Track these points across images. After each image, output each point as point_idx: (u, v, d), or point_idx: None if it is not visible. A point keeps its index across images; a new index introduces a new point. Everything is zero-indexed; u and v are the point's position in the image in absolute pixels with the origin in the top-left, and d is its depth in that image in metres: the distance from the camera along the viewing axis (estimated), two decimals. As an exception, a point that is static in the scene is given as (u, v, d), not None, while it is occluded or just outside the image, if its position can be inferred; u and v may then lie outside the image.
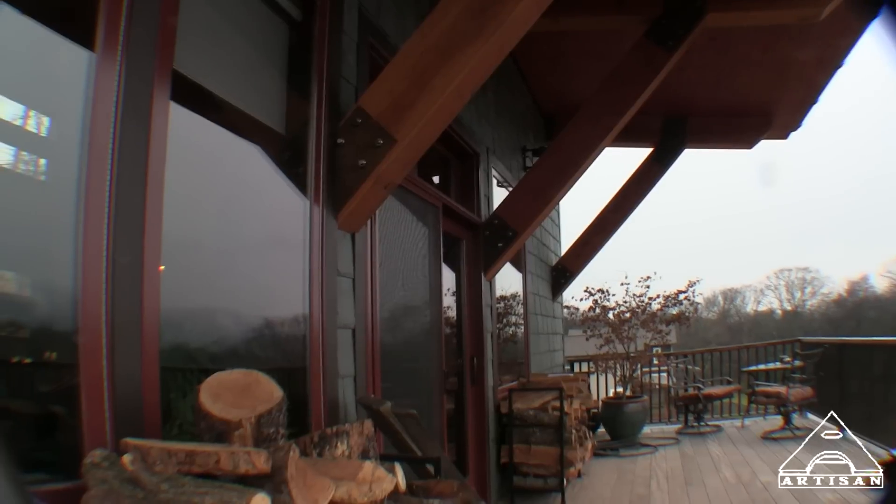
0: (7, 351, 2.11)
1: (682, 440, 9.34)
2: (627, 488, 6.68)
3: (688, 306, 10.61)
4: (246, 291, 3.16)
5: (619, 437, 9.13)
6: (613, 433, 9.25)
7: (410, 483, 2.87)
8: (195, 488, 1.77)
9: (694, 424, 10.11)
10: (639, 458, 8.23)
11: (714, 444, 8.88)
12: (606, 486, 6.83)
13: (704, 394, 10.14)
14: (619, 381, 10.28)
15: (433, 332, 5.35)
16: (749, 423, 10.29)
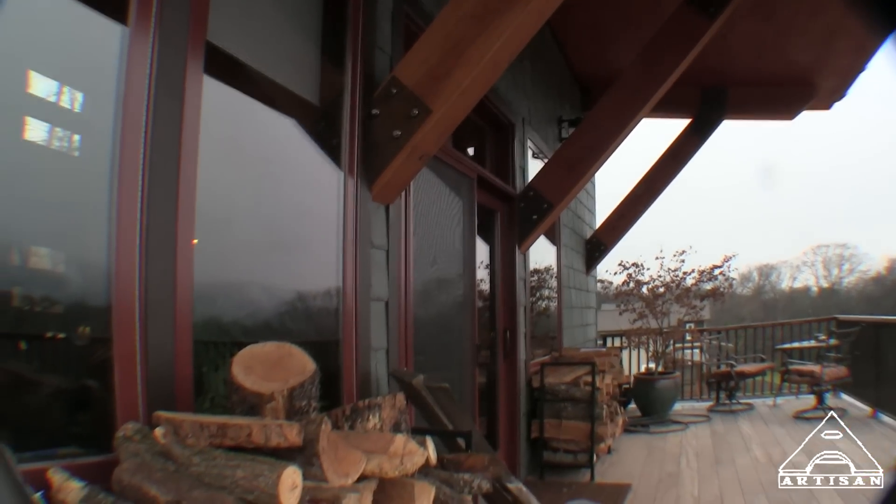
0: (41, 326, 2.12)
1: (713, 418, 9.24)
2: (657, 465, 6.63)
3: (723, 282, 10.44)
4: (279, 264, 3.15)
5: (650, 413, 9.06)
6: (644, 409, 9.18)
7: (441, 456, 2.86)
8: (227, 461, 1.77)
9: (725, 402, 9.98)
10: (669, 436, 8.16)
11: (745, 422, 8.76)
12: (636, 463, 6.78)
13: (737, 371, 9.98)
14: (652, 357, 10.19)
15: (466, 305, 5.32)
16: (781, 401, 10.11)
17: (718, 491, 5.48)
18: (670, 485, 5.81)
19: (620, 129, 6.16)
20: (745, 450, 7.05)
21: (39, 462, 1.83)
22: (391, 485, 2.25)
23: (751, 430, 8.15)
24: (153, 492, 1.68)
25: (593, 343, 10.22)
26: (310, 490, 1.91)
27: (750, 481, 5.68)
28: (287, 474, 1.73)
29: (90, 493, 1.70)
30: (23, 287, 2.07)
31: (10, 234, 2.01)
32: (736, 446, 7.27)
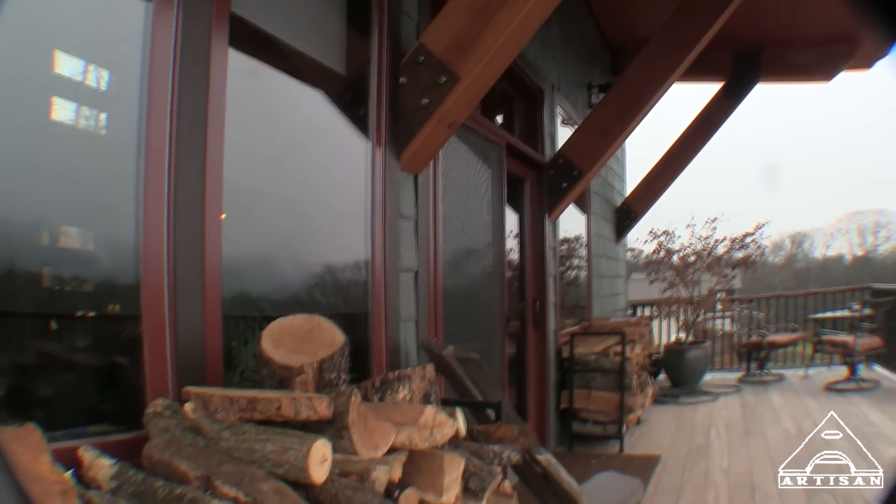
0: (72, 305, 2.14)
1: (744, 389, 9.14)
2: (686, 437, 6.59)
3: (754, 250, 10.25)
4: (308, 237, 3.14)
5: (680, 384, 8.98)
6: (674, 380, 9.10)
7: (471, 428, 2.84)
8: (256, 435, 1.77)
9: (756, 373, 9.85)
10: (699, 406, 8.10)
11: (776, 393, 8.66)
12: (665, 434, 6.74)
13: (768, 341, 9.84)
14: (682, 327, 10.09)
15: (495, 274, 5.28)
16: (813, 372, 9.93)
17: (748, 463, 5.43)
18: (699, 457, 5.76)
19: (651, 93, 6.02)
20: (775, 421, 6.97)
21: (70, 440, 1.84)
22: (421, 456, 2.24)
23: (781, 402, 8.05)
24: (183, 467, 1.68)
25: (623, 313, 10.15)
26: (339, 463, 1.91)
27: (780, 453, 5.60)
28: (317, 447, 1.72)
29: (120, 471, 1.71)
30: (53, 267, 2.08)
31: (40, 215, 2.02)
32: (766, 418, 7.19)
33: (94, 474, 1.71)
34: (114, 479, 1.68)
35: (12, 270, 1.98)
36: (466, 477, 2.36)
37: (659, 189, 9.48)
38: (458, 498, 2.34)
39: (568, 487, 3.26)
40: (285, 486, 1.65)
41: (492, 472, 2.48)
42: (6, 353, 1.97)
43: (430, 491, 2.20)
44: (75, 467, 1.69)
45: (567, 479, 3.27)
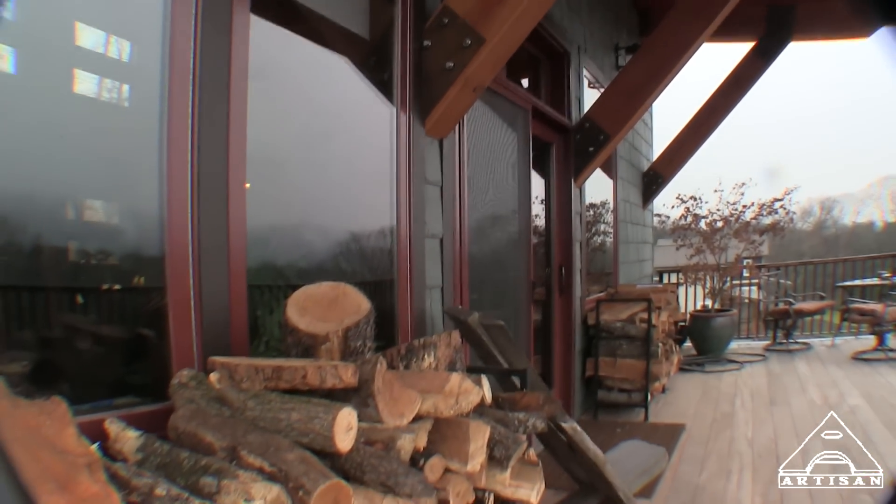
0: (97, 279, 2.15)
1: (770, 357, 9.01)
2: (711, 405, 6.53)
3: (783, 216, 10.07)
4: (332, 205, 3.11)
5: (706, 352, 8.90)
6: (700, 348, 9.02)
7: (496, 395, 2.83)
8: (282, 404, 1.76)
9: (782, 341, 9.70)
10: (724, 375, 8.01)
11: (802, 362, 8.52)
12: (690, 403, 6.69)
13: (795, 309, 9.65)
14: (708, 294, 9.98)
15: (521, 241, 5.23)
16: (840, 341, 9.76)
17: (773, 433, 5.38)
18: (724, 426, 5.72)
19: (680, 54, 5.86)
20: (801, 391, 6.88)
21: (96, 413, 1.86)
22: (446, 424, 2.22)
23: (807, 371, 7.93)
24: (209, 438, 1.68)
25: (649, 279, 10.06)
26: (365, 431, 1.90)
27: (805, 424, 5.54)
28: (342, 416, 1.71)
29: (146, 442, 1.71)
30: (78, 241, 2.09)
31: (65, 190, 2.03)
32: (792, 387, 7.10)
33: (120, 447, 1.72)
34: (139, 451, 1.68)
35: (38, 246, 2.00)
36: (491, 445, 2.35)
37: (686, 153, 9.30)
38: (483, 466, 2.33)
39: (593, 456, 3.25)
40: (311, 454, 1.64)
41: (517, 440, 2.46)
42: (33, 327, 1.99)
43: (455, 459, 2.19)
44: (101, 440, 1.70)
45: (592, 448, 3.25)
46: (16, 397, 1.46)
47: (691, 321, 9.16)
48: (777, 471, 4.43)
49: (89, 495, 1.14)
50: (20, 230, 1.93)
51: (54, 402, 1.46)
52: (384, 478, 1.77)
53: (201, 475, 1.52)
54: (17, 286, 1.96)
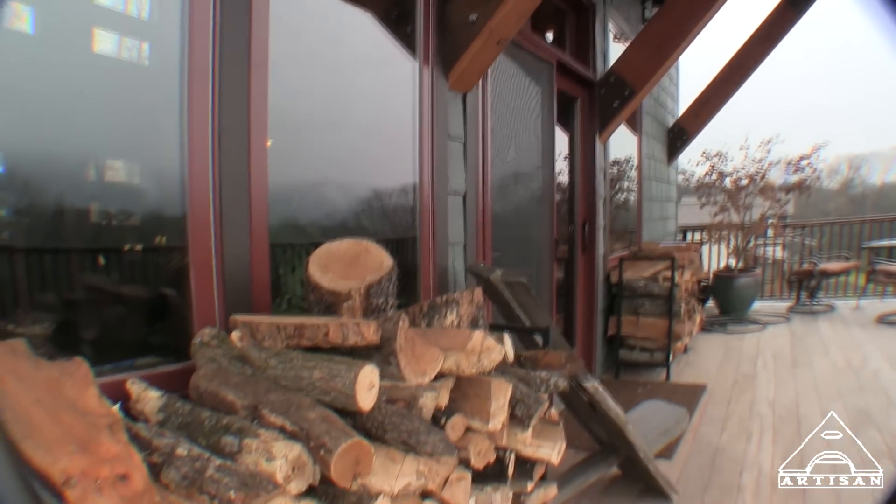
0: (119, 240, 2.14)
1: (793, 318, 8.89)
2: (733, 366, 6.48)
3: (810, 173, 9.85)
4: (355, 161, 3.07)
5: (729, 311, 8.83)
6: (723, 307, 8.96)
7: (518, 354, 2.81)
8: (303, 362, 1.74)
9: (806, 302, 9.60)
10: (747, 335, 7.93)
11: (825, 324, 8.40)
12: (712, 363, 6.65)
13: (820, 269, 9.51)
14: (732, 253, 9.85)
15: (544, 197, 5.16)
16: (864, 303, 9.58)
17: (794, 395, 5.33)
18: (746, 387, 5.68)
19: (708, 5, 5.67)
20: (823, 353, 6.80)
21: (118, 374, 1.86)
22: (468, 382, 2.20)
23: (831, 333, 7.82)
24: (230, 397, 1.67)
25: (673, 237, 9.93)
26: (387, 389, 1.89)
27: (827, 387, 5.49)
28: (364, 374, 1.69)
29: (168, 402, 1.71)
30: (100, 202, 2.08)
31: (86, 150, 2.01)
32: (814, 349, 7.01)
33: (141, 407, 1.72)
34: (161, 412, 1.68)
35: (60, 207, 1.99)
36: (513, 404, 2.33)
37: (713, 108, 9.07)
38: (505, 425, 2.32)
39: (614, 416, 3.23)
40: (332, 413, 1.62)
41: (539, 398, 2.44)
42: (55, 289, 1.99)
43: (476, 418, 2.17)
44: (123, 400, 1.70)
45: (613, 407, 3.24)
46: (38, 359, 1.46)
47: (714, 280, 9.08)
48: (798, 433, 4.41)
49: (111, 456, 1.13)
50: (42, 192, 1.92)
51: (76, 362, 1.45)
52: (406, 436, 1.76)
53: (223, 434, 1.51)
54: (39, 248, 1.97)
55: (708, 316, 8.57)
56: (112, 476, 1.08)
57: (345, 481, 1.53)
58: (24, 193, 1.88)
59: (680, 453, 4.18)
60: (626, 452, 3.50)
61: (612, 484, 3.78)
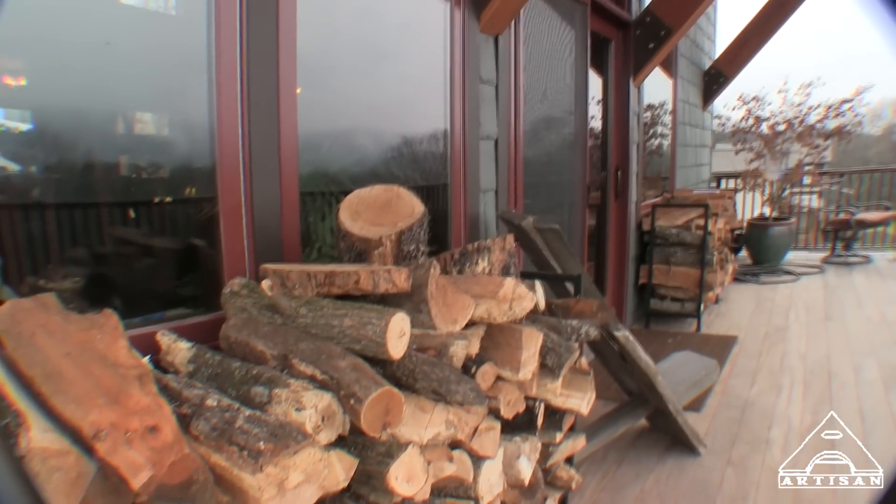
0: (148, 192, 2.13)
1: (827, 270, 8.71)
2: (765, 318, 6.39)
3: (851, 118, 9.50)
4: (385, 107, 3.00)
5: (762, 262, 8.68)
6: (756, 257, 8.80)
7: (549, 302, 2.77)
8: (334, 311, 1.71)
9: (841, 253, 9.35)
10: (779, 287, 7.80)
11: (860, 276, 8.21)
12: (744, 314, 6.56)
13: (857, 220, 9.26)
14: (766, 201, 9.64)
15: (577, 143, 5.05)
16: (902, 256, 9.35)
17: (826, 349, 5.25)
18: (777, 339, 5.61)
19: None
20: (857, 306, 6.66)
21: (148, 326, 1.85)
22: (499, 331, 2.17)
23: (866, 286, 7.65)
24: (260, 346, 1.65)
25: (706, 185, 9.72)
26: (417, 338, 1.86)
27: (860, 341, 5.39)
28: (395, 321, 1.66)
29: (198, 353, 1.69)
30: (129, 155, 2.06)
31: (114, 103, 1.98)
32: (848, 302, 6.87)
33: (171, 358, 1.71)
34: (191, 363, 1.67)
35: (90, 162, 1.97)
36: (544, 353, 2.30)
37: (752, 49, 8.73)
38: (535, 374, 2.29)
39: (644, 366, 3.20)
40: (363, 362, 1.60)
41: (570, 347, 2.41)
42: (85, 243, 1.98)
43: (507, 367, 2.14)
44: (153, 353, 1.69)
45: (644, 358, 3.20)
46: (68, 312, 1.45)
47: (748, 229, 8.90)
48: (829, 388, 4.35)
49: (140, 408, 1.11)
50: (71, 147, 1.91)
51: (105, 315, 1.44)
52: (436, 385, 1.73)
53: (252, 385, 1.49)
54: (69, 204, 1.96)
55: (740, 266, 8.44)
56: (142, 428, 1.07)
57: (374, 431, 1.51)
58: (53, 149, 1.87)
59: (709, 406, 4.15)
60: (656, 404, 3.48)
61: (640, 436, 3.77)
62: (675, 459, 3.47)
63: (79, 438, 1.04)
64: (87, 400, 1.10)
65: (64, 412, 1.08)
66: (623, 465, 3.43)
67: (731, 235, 7.70)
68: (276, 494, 1.21)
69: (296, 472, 1.25)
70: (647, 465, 3.42)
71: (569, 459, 2.85)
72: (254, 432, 1.25)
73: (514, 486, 2.34)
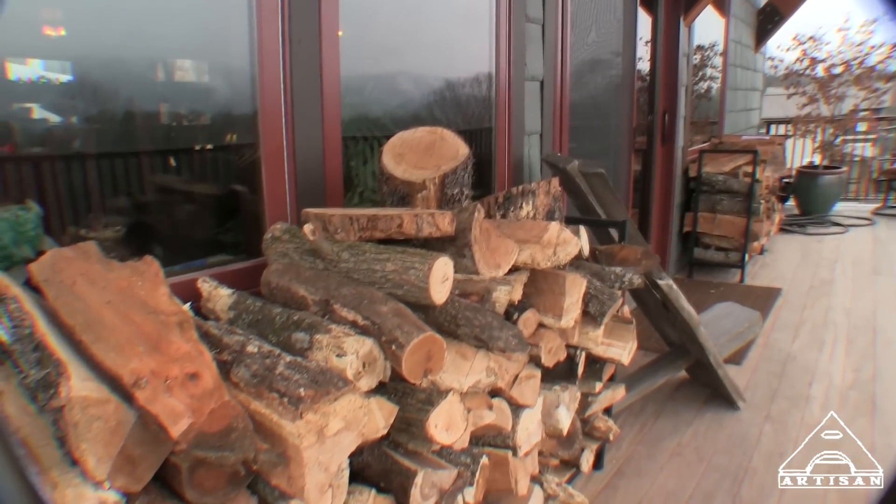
0: (189, 140, 2.12)
1: (878, 222, 8.37)
2: (810, 270, 6.21)
3: (918, 57, 9.01)
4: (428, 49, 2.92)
5: (810, 212, 8.42)
6: (803, 207, 8.53)
7: (593, 248, 2.71)
8: (376, 255, 1.67)
9: (894, 205, 9.02)
10: (826, 238, 7.56)
11: (913, 230, 7.93)
12: (789, 266, 6.39)
13: (914, 169, 8.92)
14: (818, 149, 9.29)
15: (624, 85, 4.88)
16: (960, 209, 8.96)
17: (872, 304, 5.09)
18: (822, 293, 5.46)
19: None
20: (908, 261, 6.45)
21: (189, 273, 1.84)
22: (542, 276, 2.12)
23: (919, 240, 7.37)
24: (302, 292, 1.62)
25: (755, 131, 9.40)
26: (460, 283, 1.82)
27: (910, 300, 5.23)
28: (438, 266, 1.61)
29: (238, 300, 1.67)
30: (169, 103, 2.04)
31: (154, 51, 1.95)
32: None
33: (212, 305, 1.69)
34: (232, 309, 1.65)
35: (130, 111, 1.95)
36: (586, 300, 2.24)
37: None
38: (577, 322, 2.24)
39: (686, 316, 3.13)
40: (405, 307, 1.56)
41: (613, 295, 2.35)
42: (126, 193, 1.97)
43: (549, 314, 2.10)
44: (194, 300, 1.67)
45: (686, 308, 3.13)
46: (109, 260, 1.43)
47: (797, 178, 8.62)
48: (873, 345, 4.23)
49: (180, 354, 1.09)
50: (111, 97, 1.89)
51: (146, 261, 1.42)
52: (478, 331, 1.69)
53: (293, 331, 1.47)
54: (109, 153, 1.95)
55: (787, 216, 8.21)
56: (182, 375, 1.04)
57: (415, 377, 1.48)
58: (93, 100, 1.85)
59: (750, 359, 4.08)
60: (696, 356, 3.42)
61: (679, 388, 3.72)
62: (714, 413, 3.42)
63: (118, 386, 1.02)
64: (127, 348, 1.08)
65: (104, 360, 1.06)
66: (661, 418, 3.40)
67: (780, 184, 7.47)
68: (316, 442, 1.18)
69: (336, 418, 1.23)
70: (685, 419, 3.38)
71: (607, 410, 2.83)
72: (294, 378, 1.22)
73: (551, 436, 2.32)
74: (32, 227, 1.61)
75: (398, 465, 1.53)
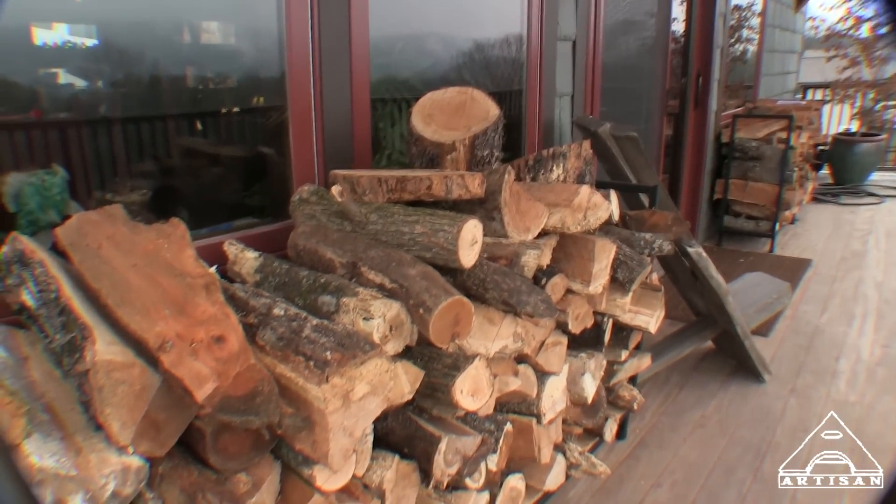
0: (216, 103, 2.11)
1: (916, 193, 8.14)
2: (842, 242, 6.05)
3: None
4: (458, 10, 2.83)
5: (844, 181, 8.17)
6: (838, 176, 8.28)
7: (622, 213, 2.66)
8: (405, 217, 1.64)
9: (934, 175, 8.75)
10: (861, 209, 7.33)
11: (953, 202, 7.66)
12: (820, 237, 6.24)
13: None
14: (856, 115, 9.00)
15: (658, 46, 4.75)
16: None
17: (905, 280, 4.97)
18: (853, 265, 5.32)
19: None
20: (946, 235, 6.27)
21: (216, 237, 1.82)
22: (571, 241, 2.08)
23: (957, 213, 7.15)
24: (329, 254, 1.59)
25: (791, 95, 9.14)
26: (489, 246, 1.79)
27: (947, 273, 5.09)
28: (467, 228, 1.59)
29: (265, 262, 1.65)
30: (195, 67, 2.03)
31: (180, 13, 1.93)
32: (936, 230, 6.46)
33: (238, 268, 1.68)
34: (258, 272, 1.63)
35: (156, 75, 1.94)
36: (615, 266, 2.20)
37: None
38: (605, 288, 2.21)
39: (715, 285, 3.08)
40: (433, 270, 1.53)
41: (642, 262, 2.31)
42: (152, 156, 1.95)
43: (577, 279, 2.07)
44: (220, 263, 1.66)
45: (715, 276, 3.08)
46: (135, 223, 1.41)
47: (832, 145, 8.36)
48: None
49: (206, 317, 1.07)
50: (137, 60, 1.87)
51: (172, 223, 1.40)
52: (507, 295, 1.67)
53: (320, 294, 1.45)
54: (135, 117, 1.94)
55: (820, 184, 8.01)
56: (207, 338, 1.03)
57: (442, 342, 1.46)
58: (119, 64, 1.83)
59: (777, 331, 4.01)
60: (724, 326, 3.37)
61: (704, 359, 3.68)
62: (739, 385, 3.38)
63: (144, 350, 1.01)
64: (153, 311, 1.07)
65: (130, 324, 1.05)
66: (685, 389, 3.37)
67: (814, 151, 7.27)
68: (341, 406, 1.17)
69: (362, 383, 1.22)
70: (709, 390, 3.34)
71: (632, 379, 2.80)
72: (321, 342, 1.20)
73: (576, 404, 2.31)
74: (58, 192, 1.61)
75: (422, 430, 1.52)
